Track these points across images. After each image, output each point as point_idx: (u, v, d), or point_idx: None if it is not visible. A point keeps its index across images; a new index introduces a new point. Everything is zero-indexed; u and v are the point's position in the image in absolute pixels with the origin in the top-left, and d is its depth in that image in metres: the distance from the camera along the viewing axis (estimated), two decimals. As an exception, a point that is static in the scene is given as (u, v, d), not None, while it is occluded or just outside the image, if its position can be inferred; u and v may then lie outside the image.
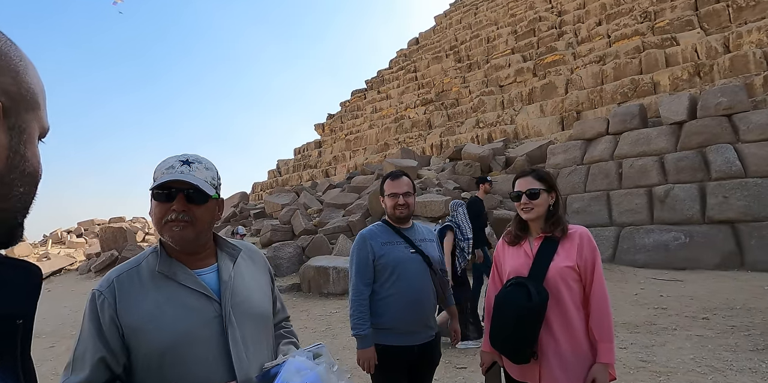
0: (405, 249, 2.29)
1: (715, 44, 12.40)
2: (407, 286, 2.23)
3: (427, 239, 2.42)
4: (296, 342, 1.45)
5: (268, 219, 16.14)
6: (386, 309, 2.23)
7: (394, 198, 2.32)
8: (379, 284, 2.27)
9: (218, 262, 1.26)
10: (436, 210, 10.07)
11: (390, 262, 2.24)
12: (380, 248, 2.28)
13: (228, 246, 1.30)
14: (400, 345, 2.22)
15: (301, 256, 10.28)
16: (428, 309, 2.32)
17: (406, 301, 2.22)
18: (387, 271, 2.25)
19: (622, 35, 15.32)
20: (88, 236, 30.52)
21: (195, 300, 1.16)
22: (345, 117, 26.52)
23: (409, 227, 2.40)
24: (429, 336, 2.32)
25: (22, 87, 0.55)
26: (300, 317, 6.78)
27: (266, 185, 27.15)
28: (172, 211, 1.13)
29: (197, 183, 1.13)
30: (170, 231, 1.14)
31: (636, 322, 5.26)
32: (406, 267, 2.25)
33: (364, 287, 2.26)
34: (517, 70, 17.99)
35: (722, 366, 3.85)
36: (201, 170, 1.18)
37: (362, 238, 2.32)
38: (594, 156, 10.63)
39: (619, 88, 13.65)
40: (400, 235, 2.33)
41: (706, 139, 8.92)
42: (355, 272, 2.29)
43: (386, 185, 2.38)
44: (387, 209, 2.38)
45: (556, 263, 1.88)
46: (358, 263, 2.29)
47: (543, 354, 1.86)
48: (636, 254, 8.63)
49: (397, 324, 2.22)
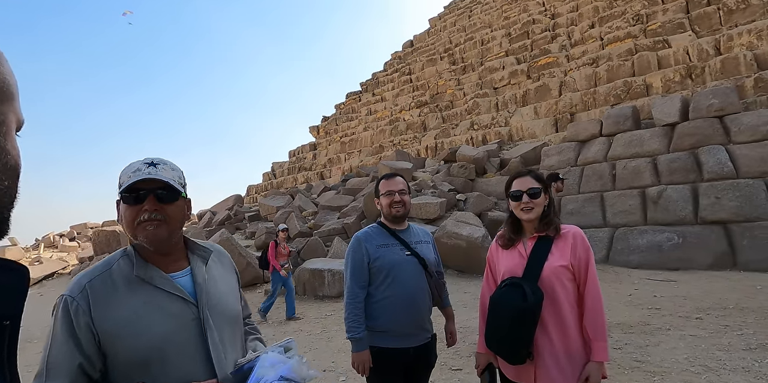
0: (400, 251, 2.28)
1: (706, 47, 12.53)
2: (402, 289, 2.22)
3: (423, 241, 2.40)
4: (261, 337, 1.51)
5: (262, 222, 16.10)
6: (382, 311, 2.23)
7: (390, 196, 2.31)
8: (375, 287, 2.26)
9: (191, 265, 1.27)
10: (431, 212, 10.08)
11: (385, 264, 2.23)
12: (375, 250, 2.26)
13: (199, 249, 1.32)
14: (395, 347, 2.21)
15: (296, 259, 10.25)
16: (424, 312, 2.30)
17: (402, 304, 2.22)
18: (382, 274, 2.24)
19: (614, 38, 15.44)
20: (81, 239, 30.27)
21: (172, 303, 1.16)
22: (340, 119, 26.53)
23: (404, 228, 2.39)
24: (425, 338, 2.31)
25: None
26: (295, 320, 6.75)
27: (261, 188, 27.07)
28: (144, 211, 1.14)
29: (168, 180, 1.15)
30: (144, 231, 1.14)
31: (630, 322, 5.28)
32: (401, 270, 2.24)
33: (359, 289, 2.25)
34: (511, 73, 18.08)
35: (716, 365, 3.87)
36: (167, 170, 1.19)
37: (357, 240, 2.31)
38: (588, 158, 10.69)
39: (612, 90, 13.75)
40: (396, 237, 2.32)
41: (699, 140, 8.99)
42: (350, 275, 2.28)
43: (381, 185, 2.38)
44: (383, 208, 2.36)
45: (550, 262, 1.88)
46: (353, 266, 2.28)
47: (538, 354, 1.86)
48: (630, 255, 8.67)
49: (393, 327, 2.22)
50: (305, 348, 5.28)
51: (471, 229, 8.64)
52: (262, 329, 6.25)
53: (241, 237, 15.04)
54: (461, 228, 8.67)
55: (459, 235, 8.52)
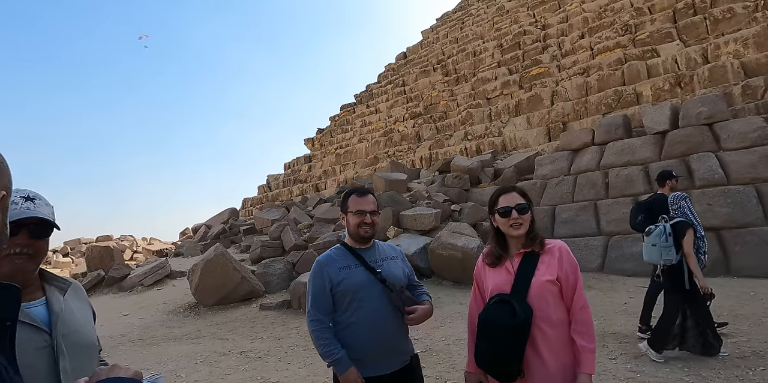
0: (364, 273, 2.16)
1: (694, 55, 12.72)
2: (369, 313, 2.11)
3: (389, 257, 2.29)
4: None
5: (258, 235, 16.04)
6: (350, 339, 2.12)
7: (361, 216, 2.19)
8: (340, 313, 2.15)
9: (47, 295, 1.29)
10: (426, 223, 10.08)
11: (349, 288, 2.12)
12: (337, 274, 2.14)
13: (58, 280, 1.36)
14: (370, 375, 2.10)
15: (291, 272, 10.19)
16: (395, 333, 2.17)
17: (370, 328, 2.10)
18: (347, 298, 2.13)
19: (604, 48, 15.66)
20: (75, 255, 30.01)
21: (24, 332, 1.16)
22: (334, 131, 26.64)
23: (368, 247, 2.26)
24: (402, 361, 2.19)
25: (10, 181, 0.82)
26: (290, 335, 6.69)
27: (256, 201, 27.02)
28: (16, 245, 1.15)
29: (44, 217, 1.19)
30: (11, 264, 1.16)
31: (625, 332, 5.27)
32: (366, 293, 2.12)
33: (323, 316, 2.14)
34: (504, 83, 18.26)
35: (710, 374, 3.86)
36: (43, 205, 1.23)
37: (318, 265, 2.20)
38: (581, 166, 10.76)
39: (603, 99, 13.91)
40: (358, 258, 2.20)
41: (689, 148, 9.08)
42: (311, 302, 2.16)
43: (351, 202, 2.24)
44: (350, 227, 2.23)
45: (537, 278, 1.88)
46: (314, 293, 2.16)
47: (529, 371, 1.85)
48: (624, 263, 8.68)
49: (364, 354, 2.10)
50: (300, 363, 5.23)
51: (466, 240, 8.63)
52: (255, 343, 6.20)
53: (236, 251, 14.96)
54: (456, 239, 8.67)
55: (454, 246, 8.51)
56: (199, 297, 9.17)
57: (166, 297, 10.45)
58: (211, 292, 8.99)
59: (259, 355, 5.72)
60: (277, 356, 5.62)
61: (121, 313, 9.49)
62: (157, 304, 9.96)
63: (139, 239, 32.04)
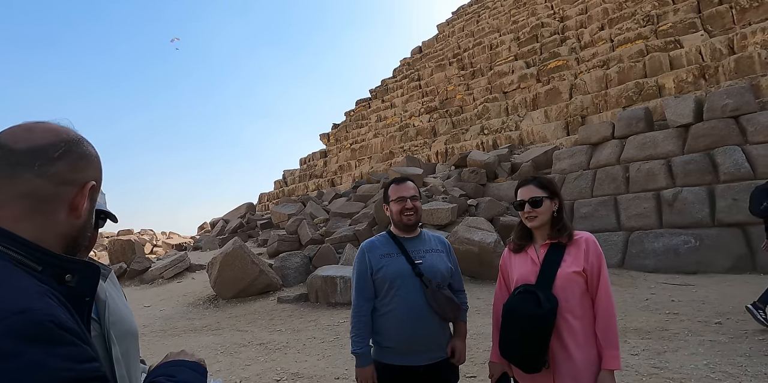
0: (404, 262, 2.14)
1: (719, 46, 12.36)
2: (405, 303, 2.09)
3: (434, 249, 2.23)
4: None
5: (275, 229, 16.19)
6: (385, 326, 2.12)
7: (401, 202, 2.17)
8: (380, 300, 2.15)
9: None
10: (442, 218, 10.05)
11: (387, 276, 2.11)
12: (378, 261, 2.15)
13: (103, 267, 1.37)
14: (401, 364, 2.09)
15: (308, 266, 10.27)
16: (431, 328, 2.12)
17: (404, 318, 2.08)
18: (385, 285, 2.12)
19: (625, 39, 15.32)
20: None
21: None
22: (350, 126, 26.66)
23: (415, 236, 2.24)
24: (437, 356, 2.14)
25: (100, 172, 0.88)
26: (308, 327, 6.75)
27: (273, 196, 27.26)
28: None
29: (102, 208, 1.24)
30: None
31: (647, 328, 5.18)
32: (403, 283, 2.10)
33: (364, 302, 2.15)
34: (521, 77, 18.02)
35: (737, 371, 3.77)
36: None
37: (361, 251, 2.23)
38: (600, 161, 10.58)
39: (624, 92, 13.63)
40: (400, 246, 2.18)
41: (714, 141, 8.85)
42: (354, 287, 2.19)
43: (391, 190, 2.24)
44: (393, 215, 2.21)
45: (563, 269, 1.87)
46: (357, 278, 2.19)
47: (554, 362, 1.84)
48: (645, 259, 8.53)
49: (397, 343, 2.10)
50: (318, 355, 5.28)
51: (483, 234, 8.58)
52: (274, 335, 6.27)
53: (253, 245, 15.14)
54: (473, 234, 8.62)
55: (471, 240, 8.47)
56: (218, 289, 9.30)
57: (186, 290, 10.64)
58: (229, 285, 9.11)
59: (278, 347, 5.78)
60: (295, 348, 5.68)
61: (143, 305, 9.69)
62: (178, 296, 10.15)
63: (158, 234, 32.66)
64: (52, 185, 0.77)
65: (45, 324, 0.61)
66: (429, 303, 2.09)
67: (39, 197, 0.76)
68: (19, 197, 0.75)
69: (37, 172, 0.76)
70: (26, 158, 0.76)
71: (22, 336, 0.58)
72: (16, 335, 0.58)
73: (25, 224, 0.75)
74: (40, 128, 0.80)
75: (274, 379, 4.59)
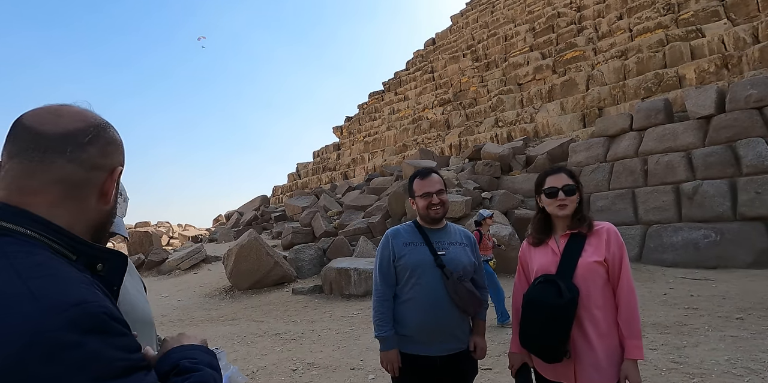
0: (427, 252, 2.13)
1: (743, 35, 12.00)
2: (425, 291, 2.08)
3: (458, 242, 2.21)
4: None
5: (289, 222, 16.31)
6: (405, 314, 2.12)
7: (428, 198, 2.14)
8: (401, 287, 2.16)
9: None
10: (456, 211, 10.01)
11: (409, 264, 2.12)
12: (401, 248, 2.15)
13: None
14: (420, 354, 2.09)
15: (322, 258, 10.35)
16: (450, 319, 2.10)
17: (424, 307, 2.08)
18: (406, 273, 2.12)
19: (644, 29, 14.96)
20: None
21: None
22: (363, 119, 26.62)
23: (440, 228, 2.23)
24: (455, 348, 2.13)
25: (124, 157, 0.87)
26: (322, 318, 6.81)
27: (286, 188, 27.43)
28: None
29: None
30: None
31: (666, 323, 5.11)
32: (424, 272, 2.10)
33: (386, 288, 2.16)
34: (536, 68, 17.75)
35: (759, 367, 3.71)
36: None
37: (386, 237, 2.22)
38: (618, 153, 10.41)
39: (643, 83, 13.33)
40: (424, 236, 2.18)
41: (736, 133, 8.63)
42: (378, 272, 2.19)
43: (416, 185, 2.20)
44: (419, 210, 2.18)
45: (584, 258, 1.85)
46: (380, 263, 2.19)
47: (576, 352, 1.82)
48: (664, 253, 8.40)
49: (414, 332, 2.10)
50: (333, 346, 5.33)
51: (498, 227, 8.53)
52: (289, 326, 6.34)
53: (267, 237, 15.28)
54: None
55: (485, 233, 8.42)
56: (234, 280, 9.43)
57: (202, 281, 10.81)
58: (245, 276, 9.23)
59: (293, 337, 5.85)
60: (311, 338, 5.74)
61: (161, 295, 9.87)
62: (194, 287, 10.31)
63: (174, 226, 33.14)
64: (83, 171, 0.77)
65: (100, 316, 0.63)
66: (449, 295, 2.08)
67: (72, 183, 0.76)
68: (53, 183, 0.74)
69: (69, 157, 0.75)
70: (57, 143, 0.75)
71: (81, 328, 0.60)
72: (76, 327, 0.60)
73: (59, 211, 0.75)
74: (66, 111, 0.79)
75: (290, 369, 4.65)
